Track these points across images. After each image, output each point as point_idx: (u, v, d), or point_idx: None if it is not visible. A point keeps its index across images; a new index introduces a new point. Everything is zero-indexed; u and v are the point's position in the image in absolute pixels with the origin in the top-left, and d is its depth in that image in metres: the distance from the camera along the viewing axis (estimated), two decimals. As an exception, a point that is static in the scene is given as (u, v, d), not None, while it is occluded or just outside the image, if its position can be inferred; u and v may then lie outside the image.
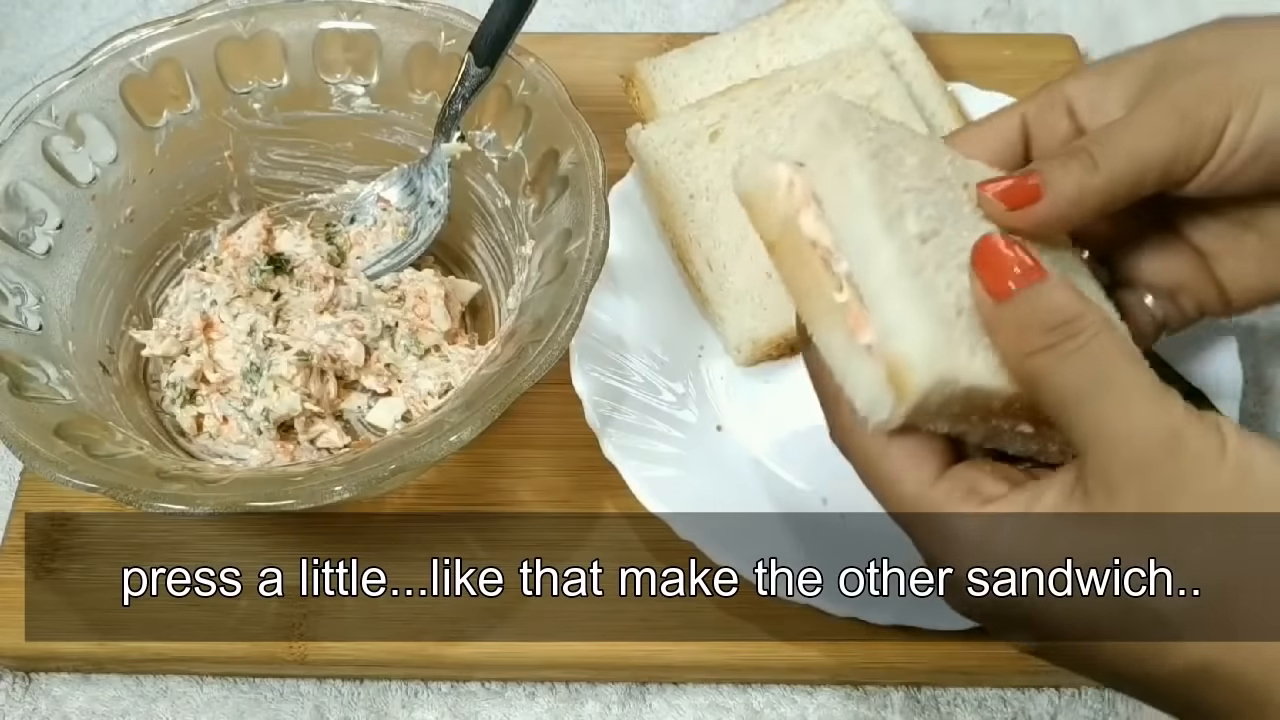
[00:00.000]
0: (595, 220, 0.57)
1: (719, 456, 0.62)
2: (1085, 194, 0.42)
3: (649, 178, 0.69)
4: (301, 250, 0.66)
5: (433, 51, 0.64)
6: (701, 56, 0.74)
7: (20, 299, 0.58)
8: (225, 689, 0.61)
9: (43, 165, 0.61)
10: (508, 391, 0.52)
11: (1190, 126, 0.43)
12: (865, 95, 0.69)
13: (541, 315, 0.55)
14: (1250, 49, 0.43)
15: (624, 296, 0.66)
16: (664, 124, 0.69)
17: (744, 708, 0.60)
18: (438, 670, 0.60)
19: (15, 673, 0.61)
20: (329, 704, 0.60)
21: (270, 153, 0.68)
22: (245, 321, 0.62)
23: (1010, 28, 0.85)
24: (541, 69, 0.62)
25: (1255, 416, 0.68)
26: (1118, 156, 0.43)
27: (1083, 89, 0.46)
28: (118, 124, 0.63)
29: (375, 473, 0.51)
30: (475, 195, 0.66)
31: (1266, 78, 0.42)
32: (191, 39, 0.64)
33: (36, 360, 0.57)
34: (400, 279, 0.66)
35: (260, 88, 0.66)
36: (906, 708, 0.60)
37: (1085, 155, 0.43)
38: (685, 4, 0.87)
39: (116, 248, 0.64)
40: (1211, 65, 0.44)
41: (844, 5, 0.74)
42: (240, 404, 0.61)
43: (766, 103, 0.69)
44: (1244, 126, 0.43)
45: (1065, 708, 0.60)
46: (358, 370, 0.63)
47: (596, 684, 0.60)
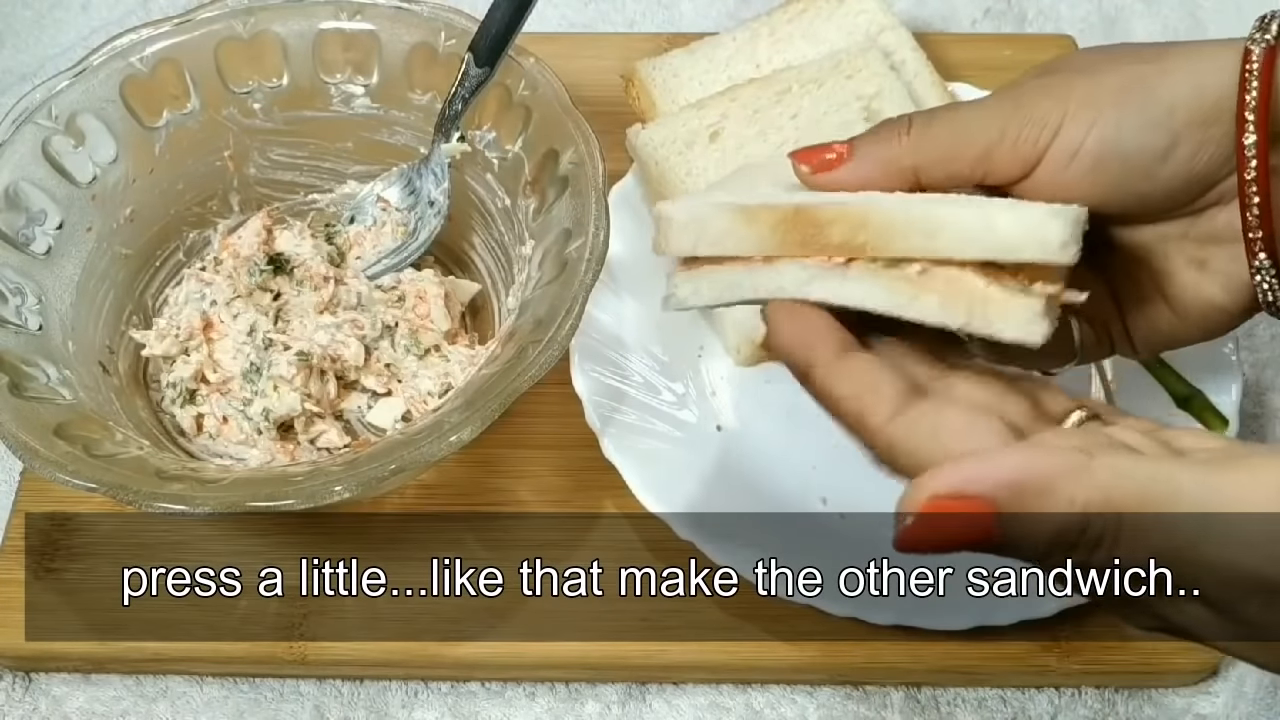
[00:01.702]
0: (595, 220, 0.57)
1: (719, 456, 0.62)
2: (892, 157, 0.41)
3: (649, 178, 0.69)
4: (301, 250, 0.66)
5: (433, 51, 0.64)
6: (701, 56, 0.74)
7: (20, 299, 0.58)
8: (225, 689, 0.61)
9: (43, 165, 0.61)
10: (508, 391, 0.52)
11: (1021, 115, 0.40)
12: (865, 95, 0.69)
13: (541, 315, 0.55)
14: (1111, 65, 0.41)
15: (624, 296, 0.66)
16: (664, 124, 0.69)
17: (744, 708, 0.60)
18: (438, 670, 0.60)
19: (15, 673, 0.61)
20: (329, 704, 0.60)
21: (270, 153, 0.68)
22: (245, 321, 0.62)
23: (1010, 28, 0.85)
24: (541, 69, 0.62)
25: (1255, 417, 0.68)
26: (937, 124, 0.41)
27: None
28: (118, 124, 0.63)
29: (375, 473, 0.51)
30: (475, 195, 0.66)
31: (1117, 88, 0.40)
32: (191, 39, 0.64)
33: (36, 360, 0.57)
34: (400, 279, 0.66)
35: (260, 88, 0.66)
36: (906, 708, 0.60)
37: (904, 122, 0.41)
38: (685, 4, 0.87)
39: (116, 248, 0.64)
40: (1066, 71, 0.42)
41: (844, 5, 0.74)
42: (240, 404, 0.61)
43: (766, 103, 0.69)
44: (1084, 131, 0.40)
45: (1065, 708, 0.60)
46: (358, 370, 0.63)
47: (596, 684, 0.60)
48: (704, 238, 0.39)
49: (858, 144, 0.42)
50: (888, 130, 0.42)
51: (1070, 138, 0.40)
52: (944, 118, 0.42)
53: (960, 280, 0.36)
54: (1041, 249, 0.35)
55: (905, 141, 0.41)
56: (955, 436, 0.34)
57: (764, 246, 0.38)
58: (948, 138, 0.41)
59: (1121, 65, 0.41)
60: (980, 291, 0.36)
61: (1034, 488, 0.31)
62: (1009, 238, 0.36)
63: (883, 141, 0.41)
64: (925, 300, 0.36)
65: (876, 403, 0.35)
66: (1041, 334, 0.35)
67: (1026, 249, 0.36)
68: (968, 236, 0.36)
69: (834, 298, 0.37)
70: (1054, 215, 0.35)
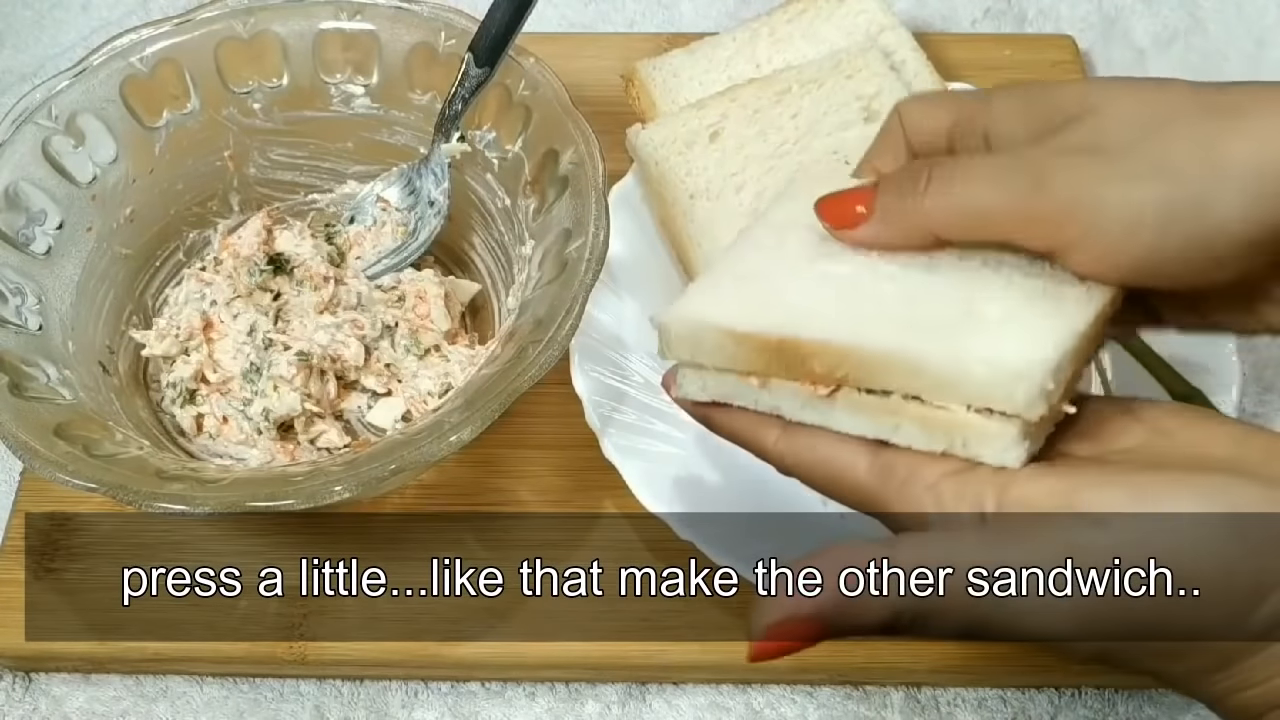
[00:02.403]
0: (595, 220, 0.57)
1: (719, 456, 0.62)
2: (913, 225, 0.40)
3: (649, 178, 0.69)
4: (301, 250, 0.66)
5: (433, 51, 0.64)
6: (701, 56, 0.74)
7: (20, 299, 0.58)
8: (225, 689, 0.61)
9: (43, 165, 0.61)
10: (508, 391, 0.52)
11: (1044, 200, 0.38)
12: (865, 95, 0.69)
13: (541, 315, 0.55)
14: (1146, 134, 0.37)
15: (624, 296, 0.66)
16: (664, 124, 0.69)
17: (744, 708, 0.60)
18: (438, 670, 0.60)
19: (15, 673, 0.61)
20: (329, 704, 0.60)
21: (270, 153, 0.68)
22: (245, 321, 0.62)
23: (1010, 28, 0.85)
24: (541, 69, 0.62)
25: (1255, 416, 0.68)
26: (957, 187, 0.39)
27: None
28: (118, 124, 0.63)
29: (375, 473, 0.51)
30: (475, 195, 0.66)
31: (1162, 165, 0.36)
32: (191, 39, 0.64)
33: (36, 360, 0.57)
34: (400, 279, 0.66)
35: (260, 88, 0.66)
36: (906, 708, 0.60)
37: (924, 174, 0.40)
38: (685, 4, 0.87)
39: (116, 248, 0.64)
40: (1088, 150, 0.38)
41: (844, 5, 0.74)
42: (240, 404, 0.61)
43: (766, 103, 0.69)
44: (1126, 218, 0.36)
45: (1065, 708, 0.60)
46: (358, 370, 0.63)
47: (596, 684, 0.60)
48: (699, 351, 0.41)
49: (880, 198, 0.41)
50: (910, 182, 0.40)
51: (1108, 224, 0.37)
52: (962, 179, 0.39)
53: (943, 409, 0.38)
54: (1008, 404, 0.37)
55: (925, 204, 0.40)
56: (827, 448, 0.40)
57: (753, 365, 0.40)
58: (965, 216, 0.40)
59: (1160, 137, 0.37)
60: (960, 418, 0.38)
61: (848, 598, 0.36)
62: (982, 387, 0.37)
63: (905, 196, 0.40)
64: (907, 429, 0.39)
65: (764, 432, 0.42)
66: (1018, 459, 0.37)
67: (995, 400, 0.37)
68: (943, 382, 0.37)
69: (824, 423, 0.40)
70: (1019, 378, 0.36)
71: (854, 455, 0.40)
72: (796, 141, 0.68)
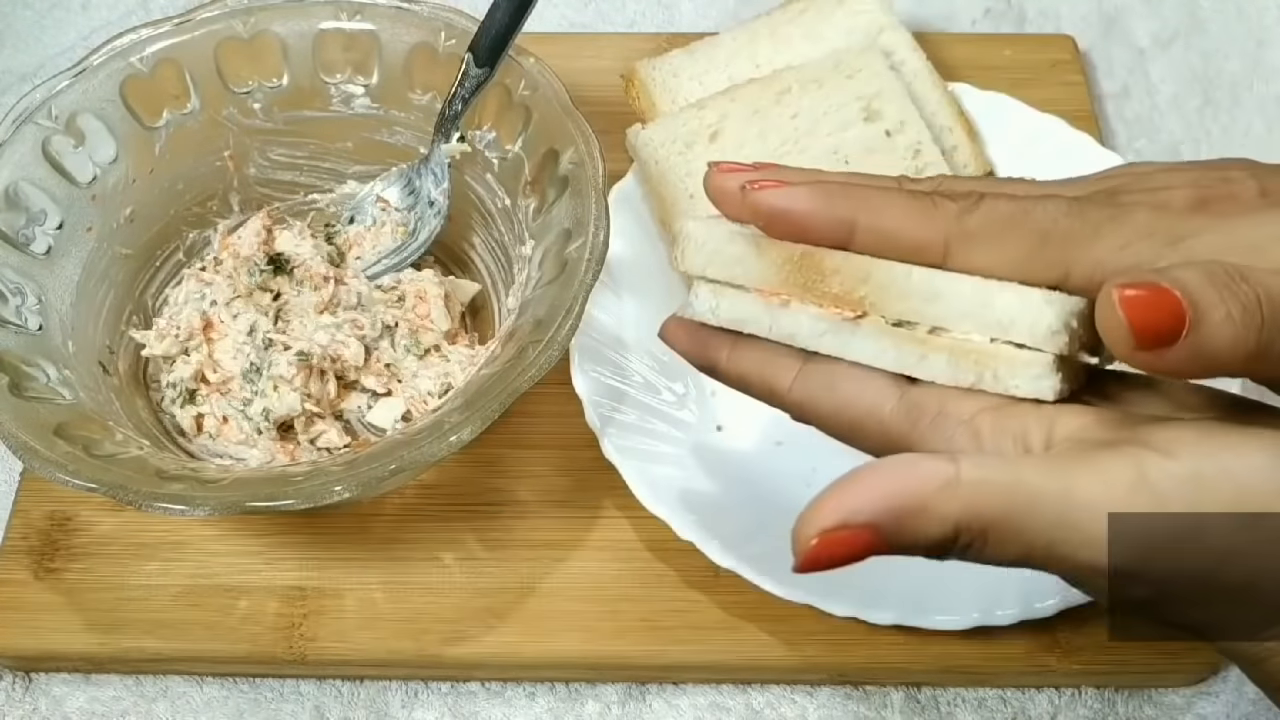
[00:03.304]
0: (595, 220, 0.57)
1: (719, 456, 0.62)
2: (1239, 354, 0.33)
3: (649, 178, 0.69)
4: (301, 250, 0.66)
5: (433, 51, 0.64)
6: (701, 56, 0.74)
7: (20, 299, 0.58)
8: (225, 689, 0.61)
9: (43, 165, 0.61)
10: (508, 391, 0.52)
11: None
12: (865, 95, 0.69)
13: (541, 315, 0.55)
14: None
15: (624, 296, 0.66)
16: (664, 124, 0.69)
17: (744, 708, 0.60)
18: (438, 670, 0.60)
19: (15, 673, 0.61)
20: (329, 704, 0.60)
21: (270, 153, 0.68)
22: (245, 321, 0.62)
23: (1010, 28, 0.85)
24: (541, 69, 0.62)
25: (1255, 416, 0.68)
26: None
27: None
28: (118, 124, 0.63)
29: (375, 473, 0.51)
30: (475, 195, 0.66)
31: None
32: (191, 39, 0.64)
33: (36, 360, 0.57)
34: (400, 279, 0.66)
35: (260, 88, 0.66)
36: (906, 708, 0.60)
37: (1248, 291, 0.33)
38: (685, 4, 0.87)
39: (116, 248, 0.64)
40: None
41: (844, 5, 0.74)
42: (240, 404, 0.61)
43: (766, 103, 0.69)
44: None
45: (1065, 708, 0.60)
46: (358, 370, 0.63)
47: (596, 684, 0.60)
48: (716, 261, 0.40)
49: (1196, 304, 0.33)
50: (1229, 291, 0.33)
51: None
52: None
53: (968, 338, 0.37)
54: (1030, 333, 0.36)
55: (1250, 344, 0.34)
56: (850, 385, 0.38)
57: (768, 280, 0.39)
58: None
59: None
60: (989, 348, 0.36)
61: (909, 509, 0.34)
62: (1003, 315, 0.36)
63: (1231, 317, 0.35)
64: (934, 359, 0.37)
65: (777, 372, 0.39)
66: (1053, 390, 0.36)
67: (1017, 329, 0.36)
68: (963, 309, 0.36)
69: (844, 352, 0.38)
70: (1049, 303, 0.35)
71: (879, 394, 0.37)
72: (796, 141, 0.68)
